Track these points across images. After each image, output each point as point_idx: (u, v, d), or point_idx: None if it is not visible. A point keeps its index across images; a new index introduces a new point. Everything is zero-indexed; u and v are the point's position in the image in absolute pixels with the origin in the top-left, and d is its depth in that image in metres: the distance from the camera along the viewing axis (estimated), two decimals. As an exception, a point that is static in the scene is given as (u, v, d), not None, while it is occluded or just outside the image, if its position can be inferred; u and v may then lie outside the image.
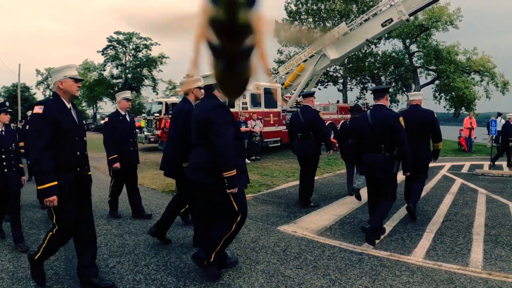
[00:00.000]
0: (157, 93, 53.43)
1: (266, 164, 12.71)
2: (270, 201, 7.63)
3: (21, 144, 7.89)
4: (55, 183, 3.43)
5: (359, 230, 5.67)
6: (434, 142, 6.49)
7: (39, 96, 55.86)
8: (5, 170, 4.91)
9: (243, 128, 12.34)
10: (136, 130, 7.50)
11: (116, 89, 52.31)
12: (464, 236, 5.53)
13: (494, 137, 17.11)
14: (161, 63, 53.51)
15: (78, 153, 3.70)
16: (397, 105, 29.86)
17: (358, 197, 7.36)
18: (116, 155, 6.12)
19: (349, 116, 19.72)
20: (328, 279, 4.09)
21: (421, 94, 7.28)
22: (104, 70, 52.76)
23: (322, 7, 30.67)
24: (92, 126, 44.75)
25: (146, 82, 54.34)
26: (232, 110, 13.67)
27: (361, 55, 30.13)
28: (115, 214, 6.55)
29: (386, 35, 27.52)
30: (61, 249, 4.87)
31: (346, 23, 17.83)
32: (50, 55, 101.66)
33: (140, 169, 12.21)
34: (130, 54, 52.97)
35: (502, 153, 13.40)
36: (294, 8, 31.91)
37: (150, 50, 52.91)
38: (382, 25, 15.78)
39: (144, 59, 52.68)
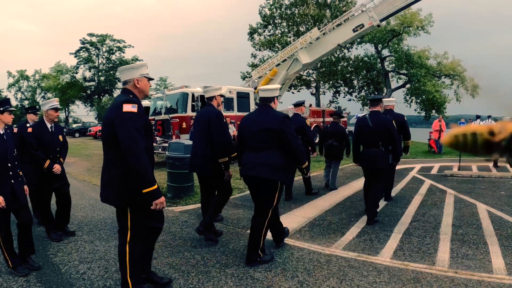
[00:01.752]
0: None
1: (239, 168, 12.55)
2: (242, 205, 7.58)
3: None
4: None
5: (328, 232, 5.79)
6: (404, 140, 7.89)
7: (11, 99, 54.33)
8: (12, 181, 4.26)
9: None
10: None
11: (88, 92, 51.37)
12: (431, 236, 5.61)
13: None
14: (135, 66, 52.93)
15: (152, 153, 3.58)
16: (369, 108, 30.22)
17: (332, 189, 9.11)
18: None
19: (321, 119, 20.04)
20: (296, 280, 4.08)
21: (394, 100, 8.39)
22: (77, 73, 51.81)
23: (296, 11, 30.89)
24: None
25: (119, 85, 53.51)
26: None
27: (333, 59, 30.40)
28: None
29: (358, 39, 27.88)
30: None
31: (319, 28, 17.98)
32: (22, 56, 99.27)
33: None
34: (103, 57, 52.19)
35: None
36: (268, 12, 32.01)
37: (123, 52, 52.31)
38: (354, 30, 16.00)
39: (118, 62, 51.93)
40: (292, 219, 6.46)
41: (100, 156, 17.56)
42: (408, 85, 30.04)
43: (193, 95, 13.98)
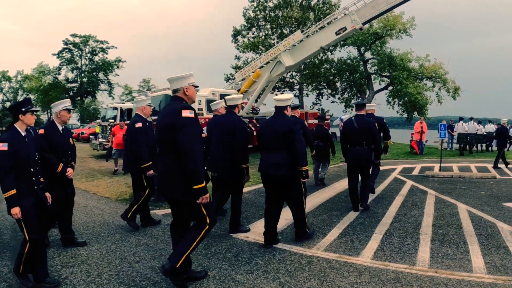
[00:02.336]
0: (113, 98, 52.25)
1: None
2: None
3: None
4: None
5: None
6: (384, 140, 9.09)
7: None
8: (35, 187, 4.14)
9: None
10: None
11: (71, 93, 50.66)
12: (412, 236, 5.69)
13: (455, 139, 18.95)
14: (118, 67, 52.31)
15: None
16: (351, 110, 30.53)
17: (323, 185, 10.02)
18: (150, 162, 5.98)
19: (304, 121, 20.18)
20: (278, 282, 4.10)
21: (375, 105, 9.55)
22: (59, 74, 51.01)
23: (280, 14, 30.93)
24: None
25: (102, 86, 52.95)
26: (187, 115, 13.69)
27: (317, 61, 30.47)
28: (135, 224, 6.23)
29: (341, 42, 28.03)
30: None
31: (302, 31, 18.04)
32: (4, 57, 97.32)
33: (94, 177, 11.86)
34: (86, 58, 51.51)
35: (503, 154, 14.23)
36: (252, 14, 32.01)
37: (106, 53, 51.68)
38: (336, 33, 16.05)
39: (100, 63, 51.33)
40: (274, 221, 6.47)
41: (82, 159, 17.37)
42: (390, 87, 30.28)
43: (176, 97, 13.88)
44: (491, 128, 21.89)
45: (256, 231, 5.96)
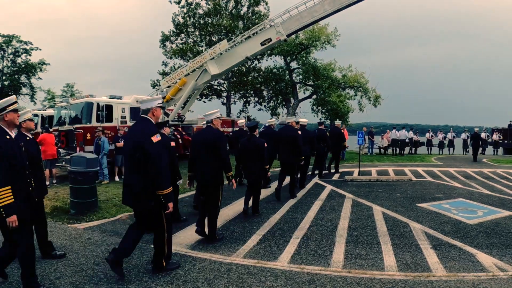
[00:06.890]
0: (35, 103, 48.95)
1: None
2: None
3: None
4: None
5: (231, 241, 5.93)
6: (342, 142, 14.55)
7: None
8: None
9: (120, 143, 11.60)
10: None
11: (-9, 98, 46.59)
12: (327, 239, 5.98)
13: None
14: (41, 70, 48.96)
15: None
16: (277, 118, 31.20)
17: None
18: None
19: (230, 129, 20.50)
20: (197, 291, 4.13)
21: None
22: (-21, 77, 46.78)
23: (210, 21, 30.93)
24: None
25: (24, 90, 49.28)
26: (110, 124, 13.22)
27: (244, 70, 30.82)
28: None
29: (268, 51, 28.58)
30: None
31: (230, 39, 18.19)
32: None
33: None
34: (8, 59, 47.64)
35: (475, 154, 20.57)
36: (181, 20, 31.69)
37: (30, 55, 48.18)
38: (262, 44, 16.42)
39: (23, 65, 47.77)
40: (195, 231, 6.42)
41: None
42: (314, 96, 31.29)
43: (98, 104, 13.37)
44: (411, 134, 24.73)
45: (178, 241, 5.91)
